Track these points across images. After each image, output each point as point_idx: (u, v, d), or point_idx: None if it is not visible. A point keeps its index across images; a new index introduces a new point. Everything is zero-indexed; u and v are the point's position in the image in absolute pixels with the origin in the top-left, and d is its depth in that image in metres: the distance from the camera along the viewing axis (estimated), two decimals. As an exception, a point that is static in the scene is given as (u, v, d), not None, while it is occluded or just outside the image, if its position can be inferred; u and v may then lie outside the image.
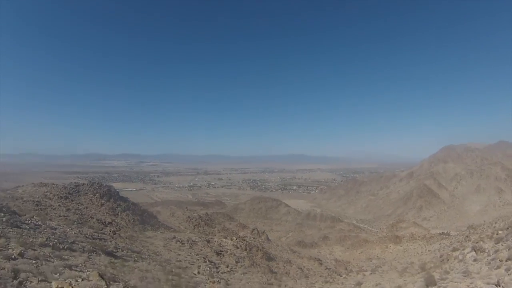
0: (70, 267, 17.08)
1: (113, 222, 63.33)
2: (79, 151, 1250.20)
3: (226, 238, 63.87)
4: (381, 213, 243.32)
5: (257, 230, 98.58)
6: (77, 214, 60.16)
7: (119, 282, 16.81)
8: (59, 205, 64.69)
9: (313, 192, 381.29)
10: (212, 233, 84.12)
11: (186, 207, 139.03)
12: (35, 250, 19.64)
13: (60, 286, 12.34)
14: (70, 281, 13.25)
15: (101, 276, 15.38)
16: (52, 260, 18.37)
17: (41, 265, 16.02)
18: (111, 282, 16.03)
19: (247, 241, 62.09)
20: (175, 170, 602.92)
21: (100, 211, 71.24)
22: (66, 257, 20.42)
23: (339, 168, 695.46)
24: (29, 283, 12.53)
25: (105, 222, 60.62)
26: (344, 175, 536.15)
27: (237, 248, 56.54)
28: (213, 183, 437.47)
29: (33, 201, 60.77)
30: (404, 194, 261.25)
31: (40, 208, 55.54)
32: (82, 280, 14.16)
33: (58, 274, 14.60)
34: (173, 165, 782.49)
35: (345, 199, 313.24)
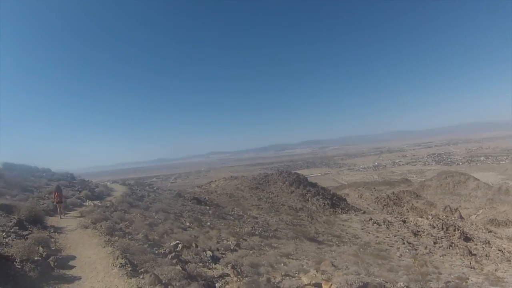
0: (287, 256, 17.09)
1: (304, 208, 64.61)
2: (261, 144, 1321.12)
3: (421, 217, 60.20)
4: None
5: (450, 208, 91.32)
6: (268, 203, 62.86)
7: (340, 269, 16.18)
8: (250, 195, 68.42)
9: (503, 162, 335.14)
10: (401, 212, 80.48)
11: (374, 188, 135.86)
12: (245, 240, 20.27)
13: (313, 281, 11.83)
14: (314, 274, 12.81)
15: (334, 265, 14.89)
16: (264, 248, 18.68)
17: (260, 255, 16.22)
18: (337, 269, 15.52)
19: (443, 220, 57.51)
20: (358, 151, 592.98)
21: (290, 198, 73.26)
22: (275, 245, 20.71)
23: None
24: (272, 278, 12.57)
25: (296, 208, 62.17)
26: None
27: (433, 227, 52.48)
28: (397, 160, 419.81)
29: (226, 193, 65.44)
30: None
31: (234, 200, 59.40)
32: (317, 271, 13.64)
33: (282, 264, 14.45)
34: (356, 146, 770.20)
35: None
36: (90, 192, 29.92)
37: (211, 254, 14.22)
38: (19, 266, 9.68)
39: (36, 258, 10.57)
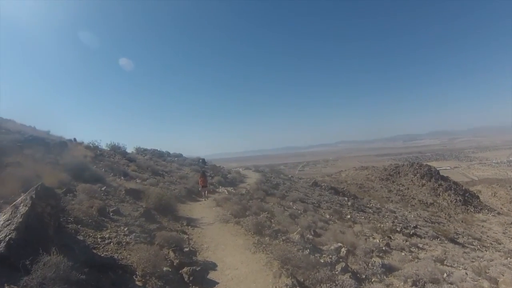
0: (441, 262, 15.38)
1: (435, 203, 60.52)
2: (389, 134, 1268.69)
3: None
4: None
5: None
6: (398, 195, 59.90)
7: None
8: (380, 186, 65.80)
9: None
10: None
11: (510, 186, 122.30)
12: (390, 237, 19.02)
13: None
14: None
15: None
16: (413, 250, 17.26)
17: (413, 258, 14.79)
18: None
19: None
20: (491, 144, 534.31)
21: (421, 191, 68.97)
22: (420, 245, 19.17)
23: None
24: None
25: (427, 202, 58.47)
26: None
27: None
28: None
29: (356, 183, 63.59)
30: None
31: (364, 190, 57.48)
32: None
33: (446, 275, 12.55)
34: (488, 138, 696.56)
35: None
36: (223, 178, 29.83)
37: (380, 263, 11.81)
38: (139, 283, 7.20)
39: (164, 269, 8.11)
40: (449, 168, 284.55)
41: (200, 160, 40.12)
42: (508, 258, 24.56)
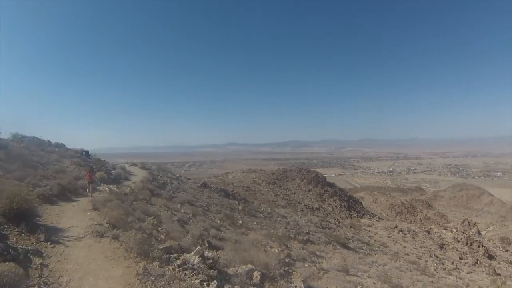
0: (346, 272, 14.45)
1: (320, 208, 62.56)
2: (279, 139, 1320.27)
3: (446, 229, 57.39)
4: None
5: (468, 222, 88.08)
6: (285, 200, 60.84)
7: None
8: (267, 190, 66.50)
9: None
10: (414, 221, 78.70)
11: (389, 194, 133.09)
12: (287, 246, 17.88)
13: None
14: None
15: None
16: (314, 260, 16.16)
17: (319, 270, 13.55)
18: None
19: (467, 235, 54.57)
20: (375, 155, 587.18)
21: (307, 196, 71.45)
22: (318, 252, 18.44)
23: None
24: None
25: (312, 207, 60.09)
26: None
27: (458, 241, 49.90)
28: (412, 168, 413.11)
29: (242, 186, 63.51)
30: None
31: (250, 193, 57.30)
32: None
33: None
34: (373, 150, 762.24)
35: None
36: (106, 174, 26.90)
37: (302, 286, 9.66)
38: None
39: None
40: (333, 175, 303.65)
41: (84, 153, 36.03)
42: (398, 261, 25.28)
